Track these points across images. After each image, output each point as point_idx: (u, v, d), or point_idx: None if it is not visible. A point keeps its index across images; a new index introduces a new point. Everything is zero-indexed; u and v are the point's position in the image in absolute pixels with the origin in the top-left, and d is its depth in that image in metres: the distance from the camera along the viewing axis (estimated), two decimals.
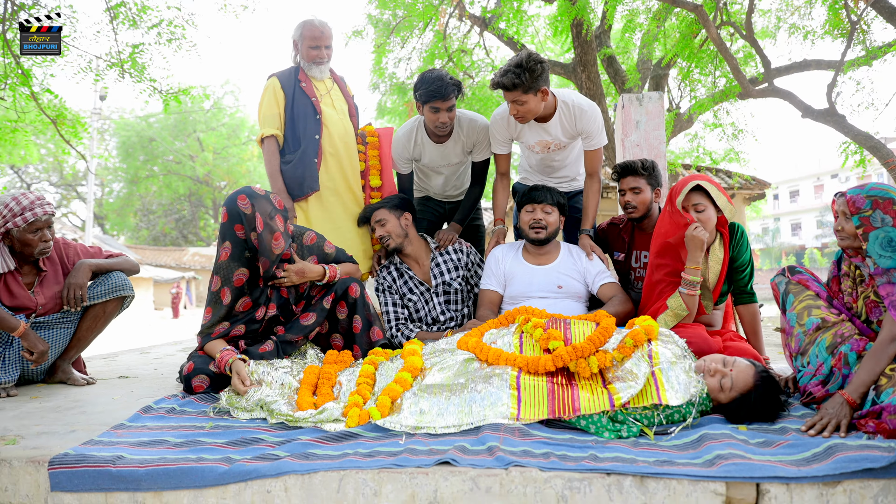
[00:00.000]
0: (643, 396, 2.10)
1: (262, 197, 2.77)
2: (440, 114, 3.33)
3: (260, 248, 2.71)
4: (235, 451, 2.04)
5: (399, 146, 3.61)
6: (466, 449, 1.95)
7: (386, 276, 3.48)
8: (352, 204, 3.62)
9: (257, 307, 2.88)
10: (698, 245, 2.67)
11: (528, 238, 3.25)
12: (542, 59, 3.05)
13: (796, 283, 2.40)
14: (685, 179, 2.78)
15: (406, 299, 3.43)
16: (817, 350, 2.23)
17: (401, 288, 3.45)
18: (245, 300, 2.85)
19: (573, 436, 2.06)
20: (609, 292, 3.14)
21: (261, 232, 2.69)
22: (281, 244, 2.75)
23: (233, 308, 2.83)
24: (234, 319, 2.85)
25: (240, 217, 2.70)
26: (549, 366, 2.25)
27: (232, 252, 2.76)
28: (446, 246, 3.53)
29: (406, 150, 3.61)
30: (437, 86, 3.26)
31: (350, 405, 2.31)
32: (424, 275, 3.47)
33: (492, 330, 2.62)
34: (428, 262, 3.48)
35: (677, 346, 2.31)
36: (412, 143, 3.59)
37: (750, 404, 2.11)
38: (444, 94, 3.27)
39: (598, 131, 3.34)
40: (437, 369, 2.42)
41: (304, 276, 2.92)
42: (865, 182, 2.26)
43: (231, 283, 2.78)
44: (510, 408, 2.15)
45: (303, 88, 3.54)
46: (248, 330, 2.88)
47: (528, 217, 3.22)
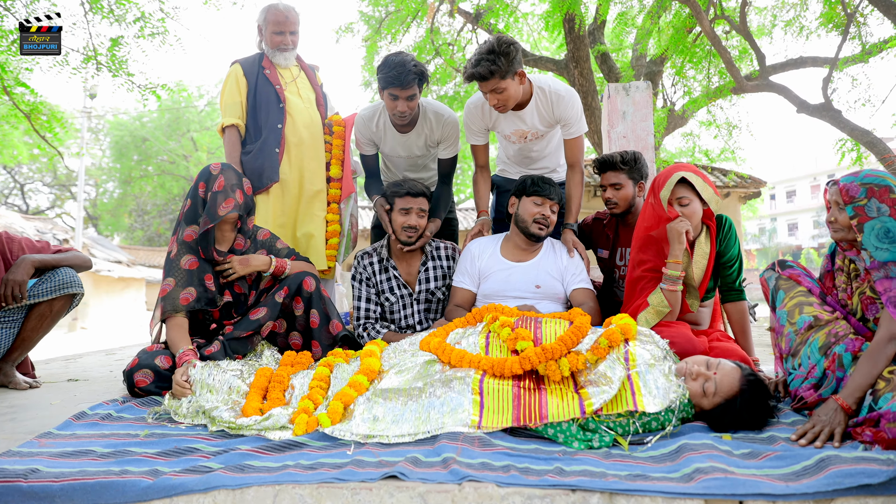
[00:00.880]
0: (617, 402, 1.91)
1: (234, 171, 2.81)
2: (398, 102, 3.12)
3: (209, 203, 2.69)
4: (165, 462, 1.84)
5: (361, 126, 3.41)
6: (419, 461, 1.76)
7: (367, 266, 3.17)
8: (313, 196, 3.42)
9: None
10: (677, 237, 2.48)
11: (527, 231, 2.92)
12: (513, 41, 2.86)
13: (787, 278, 2.21)
14: (669, 170, 2.59)
15: (383, 297, 3.16)
16: (809, 351, 2.04)
17: (380, 284, 3.16)
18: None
19: (539, 446, 1.86)
20: (580, 298, 2.89)
21: (216, 191, 2.70)
22: (228, 209, 2.70)
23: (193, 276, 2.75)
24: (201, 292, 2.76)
25: (206, 176, 2.77)
26: (516, 368, 2.05)
27: (189, 209, 2.78)
28: (430, 234, 3.21)
29: (367, 131, 3.40)
30: (398, 72, 3.03)
31: (299, 411, 2.12)
32: (409, 277, 3.19)
33: (457, 329, 2.43)
34: (417, 264, 3.20)
35: (657, 347, 2.12)
36: (374, 126, 3.38)
37: (735, 411, 1.92)
38: (403, 82, 3.04)
39: (578, 118, 3.15)
40: (395, 372, 2.22)
41: (248, 265, 2.80)
42: (859, 169, 2.08)
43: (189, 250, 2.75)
44: (471, 415, 1.96)
45: (266, 76, 3.36)
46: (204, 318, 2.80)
47: (536, 210, 2.90)
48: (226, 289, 2.81)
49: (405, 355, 2.34)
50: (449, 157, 3.45)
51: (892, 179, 1.97)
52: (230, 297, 2.81)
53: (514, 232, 3.01)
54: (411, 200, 3.03)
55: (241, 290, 2.79)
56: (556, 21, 9.19)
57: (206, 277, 2.74)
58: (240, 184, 2.80)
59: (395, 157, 3.49)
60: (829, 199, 2.08)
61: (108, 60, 7.62)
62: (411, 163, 3.53)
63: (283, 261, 2.91)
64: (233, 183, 2.75)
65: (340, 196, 3.51)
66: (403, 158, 3.48)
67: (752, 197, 11.57)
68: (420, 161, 3.53)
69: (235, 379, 2.41)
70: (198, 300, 2.71)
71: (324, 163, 3.47)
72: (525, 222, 2.92)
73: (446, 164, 3.49)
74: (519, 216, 2.95)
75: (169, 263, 2.77)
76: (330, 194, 3.50)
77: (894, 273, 1.89)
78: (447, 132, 3.37)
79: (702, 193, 2.54)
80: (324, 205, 3.46)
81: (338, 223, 3.50)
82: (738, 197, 11.19)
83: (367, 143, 3.45)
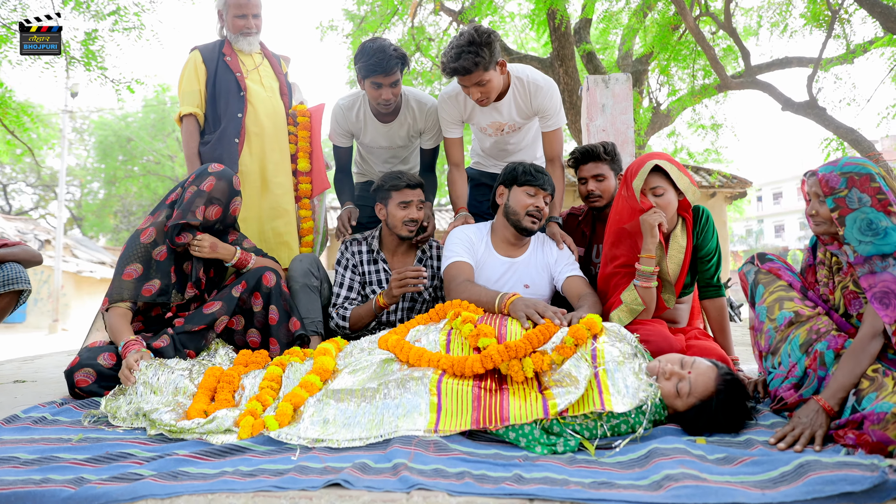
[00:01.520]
0: (584, 403, 1.78)
1: (230, 185, 2.71)
2: (382, 90, 2.98)
3: (187, 200, 2.59)
4: (93, 469, 1.69)
5: (339, 115, 3.25)
6: (368, 467, 1.62)
7: (356, 253, 2.99)
8: (277, 189, 3.27)
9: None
10: (650, 229, 2.35)
11: (519, 225, 2.69)
12: (491, 30, 2.73)
13: (766, 272, 2.09)
14: (642, 159, 2.46)
15: (369, 289, 2.98)
16: (790, 348, 1.92)
17: (367, 276, 2.98)
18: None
19: (499, 451, 1.73)
20: (577, 288, 2.62)
21: (201, 191, 2.61)
22: (196, 217, 2.59)
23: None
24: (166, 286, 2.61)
25: (202, 171, 2.68)
26: (477, 367, 1.92)
27: (177, 198, 2.67)
28: (423, 242, 3.05)
29: (346, 122, 3.25)
30: (379, 58, 2.89)
31: (245, 413, 1.97)
32: None
33: (419, 326, 2.29)
34: (410, 262, 3.02)
35: (627, 344, 1.99)
36: (353, 116, 3.23)
37: (710, 413, 1.79)
38: (386, 68, 2.91)
39: (557, 110, 3.02)
40: (349, 371, 2.08)
41: (215, 249, 2.66)
42: (838, 158, 1.96)
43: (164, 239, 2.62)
44: (428, 417, 1.82)
45: (227, 63, 3.20)
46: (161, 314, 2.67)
47: (529, 202, 2.66)
48: (179, 293, 2.66)
49: (362, 354, 2.20)
50: (432, 146, 3.32)
51: (872, 167, 1.86)
52: (194, 290, 2.67)
53: (502, 225, 2.78)
54: (410, 193, 2.88)
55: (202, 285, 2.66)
56: (541, 20, 9.10)
57: (171, 269, 2.61)
58: (223, 201, 2.68)
59: (376, 147, 3.34)
60: (808, 190, 1.97)
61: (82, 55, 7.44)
62: (392, 154, 3.39)
63: (248, 254, 2.78)
64: (217, 197, 2.65)
65: (312, 191, 3.37)
66: (384, 149, 3.34)
67: (738, 197, 11.53)
68: (401, 153, 3.39)
69: (183, 379, 2.26)
70: (160, 293, 2.57)
71: (288, 154, 3.32)
72: (517, 215, 2.68)
73: (429, 155, 3.35)
74: (509, 208, 2.71)
75: (139, 247, 2.59)
76: (300, 189, 3.36)
77: (879, 268, 1.77)
78: (431, 122, 3.23)
79: (677, 183, 2.42)
80: (292, 199, 3.31)
81: (311, 220, 3.36)
82: (724, 197, 11.13)
83: (344, 134, 3.30)
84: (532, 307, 2.22)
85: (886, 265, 1.76)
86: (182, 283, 2.65)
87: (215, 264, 2.74)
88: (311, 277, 2.93)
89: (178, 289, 2.63)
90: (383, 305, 2.79)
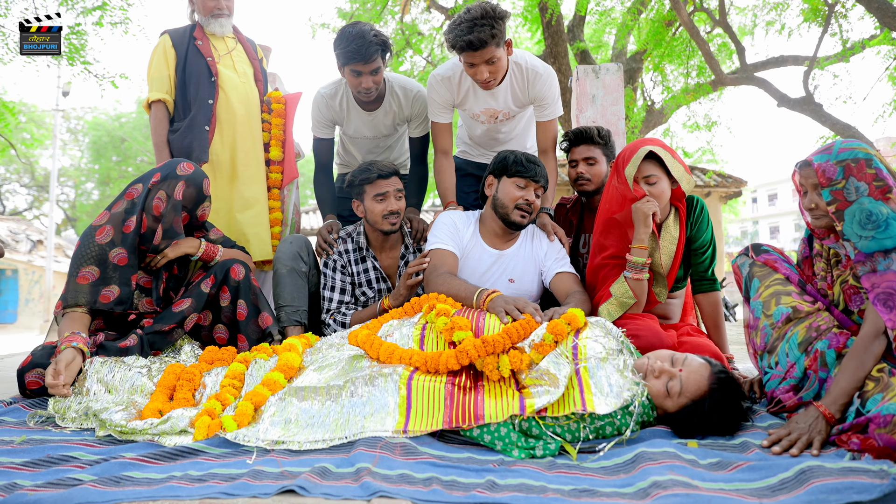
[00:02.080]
0: (564, 403, 1.64)
1: (198, 189, 2.52)
2: (363, 78, 2.82)
3: (162, 211, 2.41)
4: (29, 474, 1.54)
5: (321, 104, 3.06)
6: (328, 472, 1.48)
7: (342, 253, 2.77)
8: (249, 179, 3.12)
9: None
10: (643, 218, 2.22)
11: (507, 219, 2.50)
12: (498, 5, 2.59)
13: (762, 264, 1.96)
14: (634, 144, 2.33)
15: (359, 291, 2.79)
16: (788, 347, 1.78)
17: (356, 276, 2.78)
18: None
19: (473, 454, 1.59)
20: (566, 286, 2.46)
21: (170, 197, 2.42)
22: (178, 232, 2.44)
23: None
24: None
25: (170, 169, 2.47)
26: (452, 363, 1.78)
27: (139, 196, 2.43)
28: (422, 238, 2.86)
29: (328, 111, 3.07)
30: (358, 44, 2.72)
31: (202, 413, 1.83)
32: (390, 270, 2.82)
33: (392, 321, 2.15)
34: (397, 254, 2.84)
35: (611, 339, 1.85)
36: (336, 104, 3.06)
37: (703, 413, 1.66)
38: (366, 55, 2.74)
39: (555, 99, 2.88)
40: (314, 368, 1.94)
41: (177, 248, 2.49)
42: (831, 143, 1.81)
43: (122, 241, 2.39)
44: (396, 417, 1.68)
45: (198, 47, 3.05)
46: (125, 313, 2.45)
47: (519, 194, 2.47)
48: (145, 295, 2.48)
49: (331, 350, 2.06)
50: (420, 135, 3.14)
51: (868, 149, 1.72)
52: (153, 307, 2.48)
53: (490, 216, 2.59)
54: (384, 183, 2.67)
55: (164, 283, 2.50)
56: (533, 16, 8.99)
57: (132, 277, 2.39)
58: (190, 208, 2.51)
59: (360, 138, 3.18)
60: (803, 182, 1.82)
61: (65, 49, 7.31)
62: (375, 144, 3.23)
63: (215, 246, 2.61)
64: (187, 206, 2.50)
65: (282, 181, 3.22)
66: (369, 139, 3.18)
67: (732, 197, 11.41)
68: (385, 142, 3.23)
69: (141, 377, 2.11)
70: (119, 302, 2.36)
71: (260, 143, 3.17)
72: (505, 208, 2.49)
73: (418, 144, 3.17)
74: (498, 200, 2.51)
75: (94, 247, 2.34)
76: (270, 179, 3.21)
77: (882, 266, 1.63)
78: (417, 109, 3.07)
79: (672, 170, 2.29)
80: (264, 189, 3.16)
81: (280, 211, 3.21)
82: (719, 197, 11.02)
83: (326, 124, 3.12)
84: (512, 303, 2.08)
85: (889, 262, 1.63)
86: (145, 291, 2.48)
87: (179, 260, 2.58)
88: (300, 262, 2.75)
89: (139, 297, 2.46)
90: (388, 308, 2.58)
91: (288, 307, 2.67)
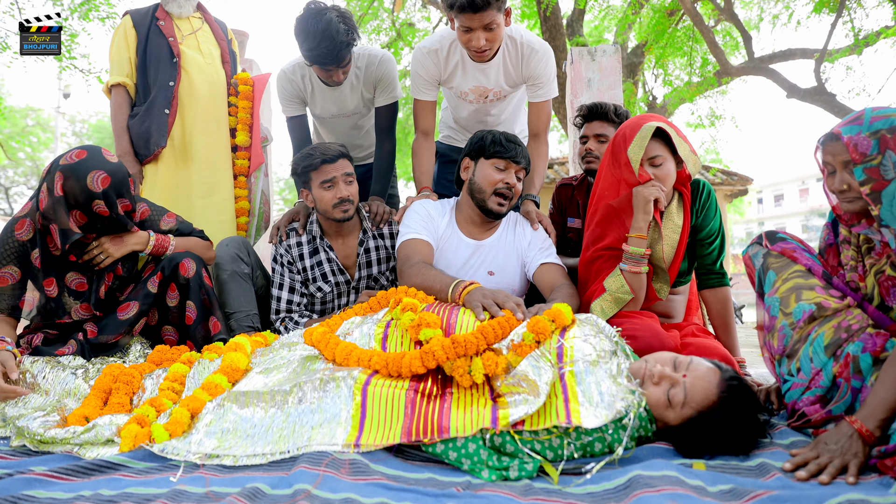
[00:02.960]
0: (545, 414, 1.38)
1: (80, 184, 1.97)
2: (332, 73, 2.64)
3: (51, 209, 1.99)
4: None
5: (284, 81, 2.84)
6: (259, 494, 1.22)
7: (292, 247, 2.48)
8: (213, 164, 2.89)
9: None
10: (644, 204, 1.96)
11: (484, 206, 2.27)
12: None
13: (778, 254, 1.69)
14: (636, 121, 2.06)
15: (314, 287, 2.50)
16: (812, 351, 1.52)
17: (310, 271, 2.48)
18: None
19: (435, 475, 1.33)
20: (551, 278, 2.22)
21: (55, 197, 1.97)
22: (74, 231, 2.00)
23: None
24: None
25: (52, 166, 2.03)
26: (416, 365, 1.52)
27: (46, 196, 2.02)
28: (382, 222, 2.59)
29: (292, 86, 2.84)
30: (327, 48, 2.48)
31: (132, 420, 1.58)
32: (348, 261, 2.54)
33: (355, 318, 1.89)
34: (355, 242, 2.56)
35: (604, 338, 1.59)
36: (300, 80, 2.83)
37: (711, 427, 1.40)
38: (338, 59, 2.54)
39: (550, 78, 2.64)
40: (261, 371, 1.69)
41: (122, 244, 2.16)
42: (859, 113, 1.52)
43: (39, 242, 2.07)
44: (348, 428, 1.43)
45: (160, 27, 2.84)
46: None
47: (498, 178, 2.23)
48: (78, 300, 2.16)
49: (283, 349, 1.81)
50: (387, 103, 2.88)
51: None
52: (89, 312, 2.16)
53: (466, 203, 2.36)
54: (330, 168, 2.38)
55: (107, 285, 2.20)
56: (531, 10, 8.75)
57: (52, 281, 2.11)
58: (81, 202, 2.01)
59: (328, 117, 2.94)
60: (830, 160, 1.54)
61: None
62: (352, 124, 2.99)
63: (166, 238, 2.28)
64: (73, 204, 2.01)
65: (249, 168, 2.98)
66: (337, 118, 2.94)
67: (738, 195, 11.13)
68: (358, 121, 2.99)
69: (75, 378, 1.87)
70: (40, 311, 2.14)
71: (226, 127, 2.96)
72: (482, 193, 2.25)
73: (384, 115, 2.90)
74: (475, 185, 2.28)
75: (14, 244, 2.06)
76: (237, 165, 2.97)
77: None
78: (381, 71, 2.81)
79: (679, 150, 2.02)
80: (229, 175, 2.93)
81: (246, 200, 2.97)
82: (724, 195, 10.74)
83: (293, 101, 2.88)
84: (490, 297, 1.81)
85: None
86: (78, 296, 2.16)
87: (124, 258, 2.24)
88: (241, 263, 2.49)
89: (72, 302, 2.15)
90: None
91: (236, 314, 2.41)
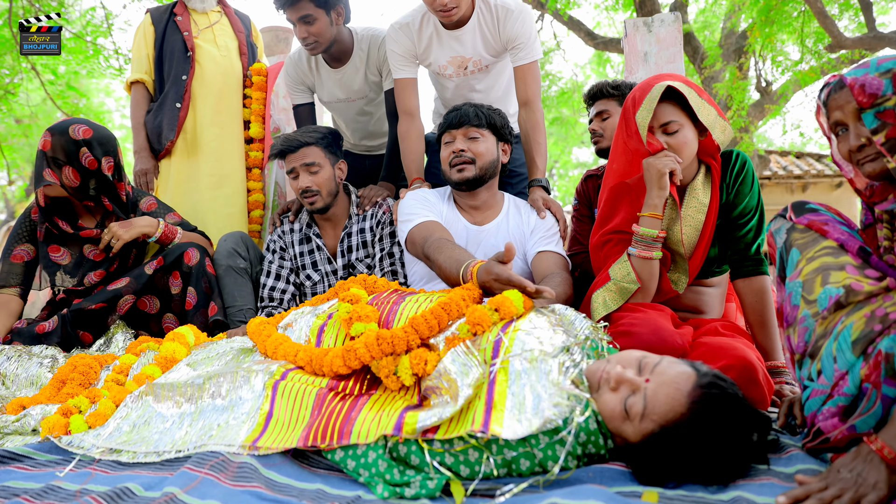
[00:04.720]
0: (461, 420, 1.13)
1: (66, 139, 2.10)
2: (297, 28, 2.49)
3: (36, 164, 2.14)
4: None
5: (289, 67, 2.76)
6: (126, 495, 1.08)
7: (285, 233, 2.45)
8: (222, 158, 2.86)
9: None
10: (657, 178, 1.64)
11: (451, 181, 2.16)
12: None
13: (804, 227, 1.32)
14: (648, 81, 1.74)
15: (303, 275, 2.43)
16: (836, 348, 1.15)
17: (299, 259, 2.43)
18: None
19: (325, 487, 1.12)
20: (545, 266, 2.04)
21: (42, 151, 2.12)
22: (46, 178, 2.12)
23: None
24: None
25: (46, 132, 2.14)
26: (337, 364, 1.32)
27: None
28: (370, 205, 2.46)
29: (297, 71, 2.75)
30: None
31: (59, 411, 1.51)
32: (335, 249, 2.46)
33: (305, 307, 1.72)
34: (340, 230, 2.45)
35: (559, 332, 1.29)
36: (305, 65, 2.74)
37: (674, 448, 1.08)
38: (288, 1, 2.42)
39: (531, 38, 2.40)
40: (190, 362, 1.56)
41: (131, 227, 2.22)
42: (866, 59, 1.21)
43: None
44: (252, 427, 1.25)
45: (177, 23, 2.88)
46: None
47: (447, 151, 2.13)
48: (92, 268, 2.22)
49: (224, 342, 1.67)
50: (392, 87, 2.68)
51: None
52: (100, 272, 2.22)
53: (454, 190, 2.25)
54: (291, 158, 2.30)
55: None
56: None
57: (47, 250, 2.22)
58: (68, 159, 2.10)
59: (335, 102, 2.82)
60: (840, 115, 1.20)
61: None
62: (359, 110, 2.85)
63: (174, 228, 2.37)
64: (59, 157, 2.10)
65: (263, 160, 2.93)
66: (343, 103, 2.82)
67: None
68: (365, 106, 2.84)
69: (40, 368, 1.85)
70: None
71: (239, 119, 2.95)
72: (446, 173, 2.15)
73: (393, 99, 2.70)
74: (442, 171, 2.19)
75: (28, 224, 2.26)
76: (250, 158, 2.96)
77: None
78: (385, 54, 2.63)
79: (699, 115, 1.67)
80: (242, 168, 2.90)
81: (261, 192, 2.92)
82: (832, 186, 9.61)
83: (299, 87, 2.80)
84: (494, 275, 1.57)
85: None
86: (75, 266, 2.23)
87: (129, 249, 2.31)
88: (237, 258, 2.43)
89: (70, 271, 2.22)
90: None
91: (230, 308, 2.34)
